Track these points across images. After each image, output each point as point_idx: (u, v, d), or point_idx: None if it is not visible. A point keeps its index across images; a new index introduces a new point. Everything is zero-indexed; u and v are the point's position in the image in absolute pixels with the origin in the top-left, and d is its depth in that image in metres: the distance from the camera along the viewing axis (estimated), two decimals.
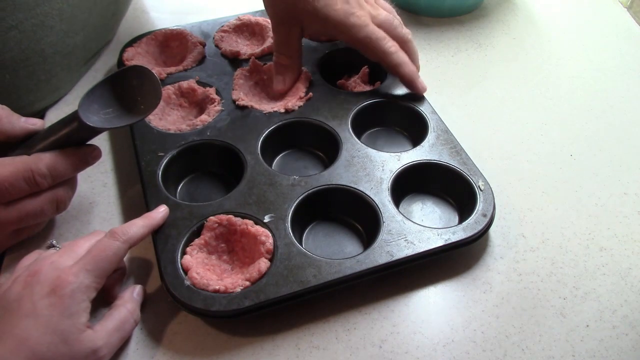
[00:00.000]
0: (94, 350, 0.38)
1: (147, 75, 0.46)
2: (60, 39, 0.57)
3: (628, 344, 0.43)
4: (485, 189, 0.49)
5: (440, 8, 0.73)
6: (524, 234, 0.50)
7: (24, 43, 0.54)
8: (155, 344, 0.43)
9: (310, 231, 0.49)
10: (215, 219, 0.46)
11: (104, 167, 0.56)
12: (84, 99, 0.44)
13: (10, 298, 0.38)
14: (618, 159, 0.57)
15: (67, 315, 0.37)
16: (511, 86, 0.65)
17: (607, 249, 0.49)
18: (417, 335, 0.43)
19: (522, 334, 0.43)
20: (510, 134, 0.59)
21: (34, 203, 0.43)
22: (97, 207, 0.52)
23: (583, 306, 0.45)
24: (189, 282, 0.43)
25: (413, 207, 0.51)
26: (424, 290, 0.46)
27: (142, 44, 0.64)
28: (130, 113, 0.46)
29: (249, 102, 0.57)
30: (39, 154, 0.43)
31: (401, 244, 0.45)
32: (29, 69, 0.56)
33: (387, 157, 0.52)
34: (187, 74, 0.61)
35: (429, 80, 0.58)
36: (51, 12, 0.55)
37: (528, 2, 0.78)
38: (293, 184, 0.49)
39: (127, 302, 0.42)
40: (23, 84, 0.56)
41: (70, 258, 0.40)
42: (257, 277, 0.43)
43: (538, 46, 0.71)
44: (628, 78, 0.66)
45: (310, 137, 0.56)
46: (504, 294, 0.46)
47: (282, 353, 0.42)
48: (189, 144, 0.53)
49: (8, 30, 0.52)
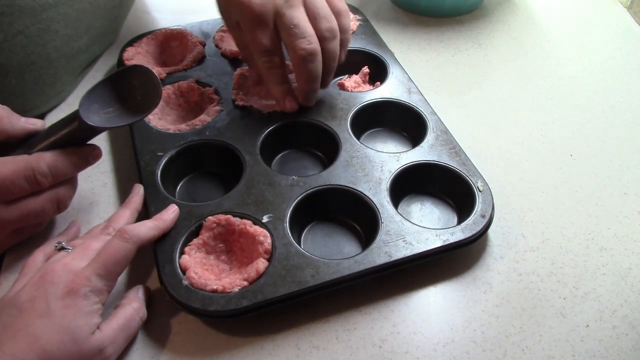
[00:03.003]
0: (101, 350, 0.38)
1: (147, 74, 0.46)
2: (65, 43, 0.58)
3: (628, 344, 0.42)
4: (484, 189, 0.48)
5: (440, 8, 0.73)
6: (524, 234, 0.50)
7: (30, 48, 0.54)
8: (156, 344, 0.43)
9: (308, 231, 0.49)
10: (214, 218, 0.46)
11: (103, 167, 0.56)
12: (84, 99, 0.44)
13: (22, 298, 0.38)
14: (618, 159, 0.57)
15: (80, 317, 0.38)
16: (511, 86, 0.65)
17: (607, 249, 0.49)
18: (417, 335, 0.43)
19: (522, 334, 0.43)
20: (510, 134, 0.59)
21: (35, 202, 0.44)
22: (97, 207, 0.52)
23: (583, 306, 0.45)
24: (187, 281, 0.43)
25: (412, 208, 0.51)
26: (424, 290, 0.46)
27: (142, 43, 0.64)
28: (131, 112, 0.46)
29: (249, 102, 0.57)
30: (40, 153, 0.43)
31: (399, 244, 0.45)
32: (34, 73, 0.56)
33: (386, 157, 0.52)
34: (187, 73, 0.61)
35: (429, 80, 0.58)
36: (56, 17, 0.55)
37: (528, 2, 0.78)
38: (292, 184, 0.49)
39: (133, 301, 0.42)
40: (28, 87, 0.57)
41: (82, 260, 0.40)
42: (255, 277, 0.43)
43: (538, 46, 0.71)
44: (628, 78, 0.66)
45: (309, 137, 0.56)
46: (504, 294, 0.46)
47: (282, 353, 0.42)
48: (188, 143, 0.53)
49: (15, 36, 0.52)
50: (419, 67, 0.67)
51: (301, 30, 0.50)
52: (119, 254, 0.41)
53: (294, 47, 0.50)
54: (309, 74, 0.52)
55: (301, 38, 0.50)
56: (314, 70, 0.51)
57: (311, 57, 0.51)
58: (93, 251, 0.41)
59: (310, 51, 0.50)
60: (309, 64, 0.51)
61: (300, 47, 0.50)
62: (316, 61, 0.51)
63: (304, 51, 0.50)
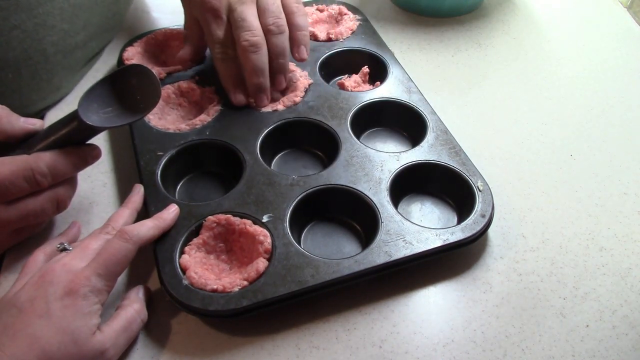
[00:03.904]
0: (102, 352, 0.38)
1: (147, 74, 0.46)
2: (62, 38, 0.57)
3: (628, 344, 0.42)
4: (484, 189, 0.48)
5: (440, 8, 0.73)
6: (524, 234, 0.50)
7: (27, 42, 0.54)
8: (156, 344, 0.43)
9: (308, 231, 0.49)
10: (214, 218, 0.46)
11: (103, 167, 0.56)
12: (83, 98, 0.44)
13: (22, 298, 0.38)
14: (618, 159, 0.57)
15: (79, 317, 0.38)
16: (511, 86, 0.65)
17: (607, 249, 0.49)
18: (417, 335, 0.43)
19: (522, 334, 0.43)
20: (510, 134, 0.59)
21: (34, 202, 0.43)
22: (97, 207, 0.52)
23: (583, 306, 0.45)
24: (187, 281, 0.43)
25: (412, 208, 0.51)
26: (424, 290, 0.46)
27: (142, 43, 0.64)
28: (130, 112, 0.46)
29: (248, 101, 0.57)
30: (39, 153, 0.43)
31: (399, 244, 0.45)
32: (31, 68, 0.56)
33: (386, 157, 0.52)
34: (187, 73, 0.61)
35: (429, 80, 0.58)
36: (52, 12, 0.55)
37: (528, 2, 0.78)
38: (292, 183, 0.49)
39: (134, 302, 0.42)
40: (25, 83, 0.57)
41: (82, 260, 0.40)
42: (255, 276, 0.43)
43: (538, 46, 0.71)
44: (628, 78, 0.66)
45: (309, 137, 0.56)
46: (504, 294, 0.45)
47: (282, 353, 0.42)
48: (188, 143, 0.53)
49: (11, 30, 0.52)
50: (419, 67, 0.67)
51: (247, 23, 0.54)
52: (119, 254, 0.41)
53: (238, 39, 0.54)
54: (253, 65, 0.54)
55: (246, 31, 0.54)
56: (257, 62, 0.54)
57: (253, 48, 0.54)
58: (93, 251, 0.41)
59: (252, 42, 0.54)
60: (252, 55, 0.54)
61: (244, 38, 0.53)
62: (259, 53, 0.54)
63: (247, 42, 0.53)
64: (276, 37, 0.55)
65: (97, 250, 0.41)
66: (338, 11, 0.69)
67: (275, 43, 0.55)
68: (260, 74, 0.55)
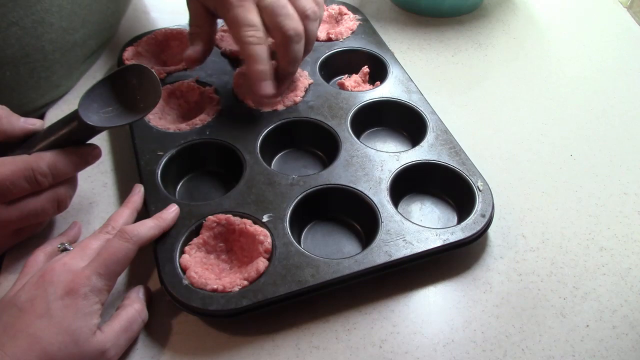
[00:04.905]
0: (103, 352, 0.38)
1: (147, 74, 0.46)
2: (60, 35, 0.57)
3: (628, 344, 0.42)
4: (484, 189, 0.48)
5: (440, 8, 0.73)
6: (524, 234, 0.50)
7: (25, 39, 0.54)
8: (156, 344, 0.43)
9: (308, 231, 0.49)
10: (214, 218, 0.46)
11: (104, 167, 0.56)
12: (83, 98, 0.44)
13: (22, 298, 0.38)
14: (618, 159, 0.57)
15: (80, 317, 0.38)
16: (511, 86, 0.65)
17: (607, 249, 0.49)
18: (417, 335, 0.43)
19: (522, 334, 0.43)
20: (510, 134, 0.59)
21: (35, 202, 0.43)
22: (97, 207, 0.52)
23: (583, 306, 0.45)
24: (187, 281, 0.43)
25: (412, 207, 0.51)
26: (424, 290, 0.46)
27: (142, 43, 0.64)
28: (130, 112, 0.46)
29: (248, 101, 0.57)
30: (39, 153, 0.43)
31: (399, 244, 0.45)
32: (29, 65, 0.56)
33: (386, 157, 0.52)
34: (187, 73, 0.61)
35: (429, 80, 0.58)
36: (51, 9, 0.55)
37: (528, 2, 0.78)
38: (292, 183, 0.49)
39: (134, 302, 0.42)
40: (24, 80, 0.57)
41: (82, 260, 0.40)
42: (255, 276, 0.43)
43: (538, 46, 0.71)
44: (628, 78, 0.66)
45: (309, 137, 0.56)
46: (504, 294, 0.46)
47: (282, 353, 0.42)
48: (188, 143, 0.53)
49: (9, 27, 0.52)
50: (419, 67, 0.67)
51: (289, 11, 0.49)
52: (119, 254, 0.41)
53: (281, 26, 0.49)
54: (295, 56, 0.50)
55: (290, 19, 0.49)
56: (298, 52, 0.50)
57: (298, 38, 0.50)
58: (93, 250, 0.41)
59: (299, 32, 0.49)
60: (295, 45, 0.50)
61: (290, 26, 0.49)
62: (301, 43, 0.50)
63: (292, 31, 0.49)
64: (312, 24, 0.51)
65: (98, 250, 0.41)
66: (338, 11, 0.69)
67: (311, 29, 0.51)
68: (298, 63, 0.51)
